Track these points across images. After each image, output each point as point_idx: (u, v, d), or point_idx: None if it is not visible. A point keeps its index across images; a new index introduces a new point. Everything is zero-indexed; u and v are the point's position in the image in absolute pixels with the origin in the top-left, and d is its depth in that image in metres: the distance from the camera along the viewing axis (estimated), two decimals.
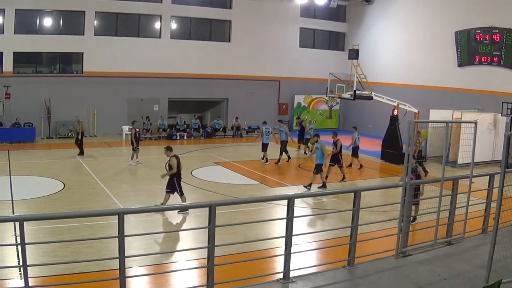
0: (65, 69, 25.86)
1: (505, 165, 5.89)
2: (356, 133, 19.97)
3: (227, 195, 14.69)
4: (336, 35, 32.80)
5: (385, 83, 27.37)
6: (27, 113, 23.75)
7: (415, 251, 7.35)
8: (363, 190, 7.03)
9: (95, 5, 25.17)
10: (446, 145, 7.89)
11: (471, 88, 23.64)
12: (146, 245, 9.70)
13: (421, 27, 26.69)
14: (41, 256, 8.96)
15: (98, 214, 10.13)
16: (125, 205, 13.38)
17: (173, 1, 27.16)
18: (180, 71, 27.25)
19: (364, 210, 7.46)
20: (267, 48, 29.63)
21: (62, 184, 15.22)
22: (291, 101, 31.10)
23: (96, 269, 8.41)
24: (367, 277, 6.52)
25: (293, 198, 6.23)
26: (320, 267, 7.44)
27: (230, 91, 29.14)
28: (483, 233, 8.45)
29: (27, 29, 24.23)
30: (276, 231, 10.07)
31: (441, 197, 7.45)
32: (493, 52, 22.88)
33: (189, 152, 22.57)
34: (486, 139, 19.90)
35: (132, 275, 7.98)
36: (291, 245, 6.20)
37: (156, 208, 11.45)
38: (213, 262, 5.67)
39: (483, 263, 6.34)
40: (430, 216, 7.49)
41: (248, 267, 7.93)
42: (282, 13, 30.04)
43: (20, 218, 4.94)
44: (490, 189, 8.39)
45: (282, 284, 6.15)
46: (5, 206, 12.64)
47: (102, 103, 25.42)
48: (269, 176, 17.77)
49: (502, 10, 22.31)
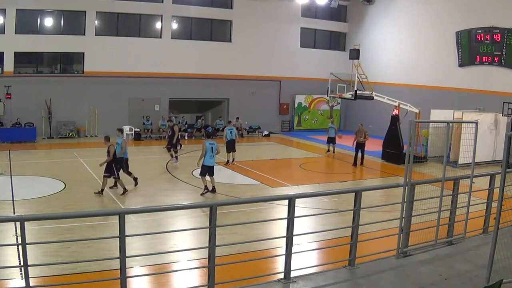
0: (66, 69, 25.88)
1: (506, 165, 5.89)
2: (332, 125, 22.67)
3: (228, 195, 14.69)
4: (337, 35, 32.81)
5: (386, 83, 27.36)
6: (28, 113, 23.77)
7: (416, 251, 7.34)
8: (364, 190, 7.03)
9: (96, 5, 25.19)
10: (447, 145, 7.89)
11: (472, 88, 23.63)
12: (147, 245, 9.69)
13: (422, 27, 26.68)
14: (42, 256, 8.96)
15: (99, 214, 10.18)
16: (126, 205, 13.39)
17: (174, 1, 27.17)
18: (181, 71, 27.27)
19: (365, 210, 7.45)
20: (268, 48, 29.64)
21: (63, 184, 15.22)
22: (292, 101, 31.10)
23: (97, 269, 8.41)
24: (368, 277, 6.52)
25: (294, 198, 6.23)
26: (321, 267, 7.44)
27: (231, 91, 29.15)
28: (484, 233, 8.44)
29: (28, 29, 24.26)
30: (277, 231, 10.07)
31: (442, 197, 7.45)
32: (494, 52, 22.86)
33: (190, 152, 22.57)
34: (487, 139, 19.89)
35: (133, 275, 7.98)
36: (292, 245, 6.20)
37: (157, 208, 11.44)
38: (214, 262, 5.67)
39: (484, 263, 6.34)
40: (431, 216, 7.49)
41: (249, 267, 7.93)
42: (283, 13, 30.05)
43: (21, 218, 4.94)
44: (491, 189, 8.39)
45: (283, 284, 6.15)
46: (6, 206, 12.65)
47: (103, 103, 25.43)
48: (270, 176, 17.76)
49: (503, 10, 22.29)
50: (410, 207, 7.11)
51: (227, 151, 19.48)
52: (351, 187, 15.83)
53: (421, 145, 21.43)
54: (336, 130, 22.89)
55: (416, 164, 7.90)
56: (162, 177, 16.91)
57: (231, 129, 19.91)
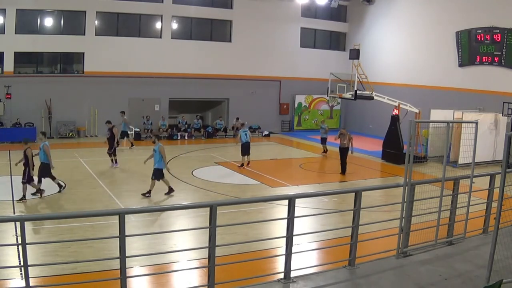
0: (66, 69, 25.88)
1: (506, 165, 5.89)
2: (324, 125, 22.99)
3: (228, 195, 14.70)
4: (337, 35, 32.80)
5: (386, 83, 27.36)
6: (28, 113, 23.77)
7: (416, 251, 7.34)
8: (364, 190, 7.03)
9: (96, 5, 25.19)
10: (447, 145, 7.89)
11: (472, 88, 23.62)
12: (147, 245, 9.69)
13: (422, 27, 26.68)
14: (42, 256, 8.96)
15: (99, 214, 10.16)
16: (126, 205, 13.38)
17: (174, 1, 27.16)
18: (181, 71, 27.26)
19: (365, 210, 7.46)
20: (268, 48, 29.63)
21: (63, 184, 15.21)
22: (292, 101, 31.10)
23: (97, 269, 8.41)
24: (368, 277, 6.52)
25: (294, 198, 6.23)
26: (321, 267, 7.44)
27: (231, 91, 29.14)
28: (484, 233, 8.45)
29: (28, 29, 24.25)
30: (277, 231, 10.07)
31: (442, 197, 7.45)
32: (494, 52, 22.86)
33: (190, 152, 22.59)
34: (487, 139, 19.88)
35: (133, 275, 7.99)
36: (292, 245, 6.20)
37: (157, 208, 11.45)
38: (214, 262, 5.67)
39: (484, 263, 6.34)
40: (431, 216, 7.49)
41: (249, 267, 7.93)
42: (283, 13, 30.04)
43: (21, 218, 4.96)
44: (491, 189, 8.39)
45: (283, 284, 6.15)
46: (6, 206, 12.65)
47: (103, 103, 25.42)
48: (270, 176, 17.76)
49: (503, 10, 22.29)
50: (410, 207, 7.11)
51: (242, 154, 19.00)
52: (351, 187, 15.82)
53: (421, 145, 21.43)
54: (327, 130, 22.74)
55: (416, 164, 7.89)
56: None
57: (245, 131, 19.34)
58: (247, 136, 19.15)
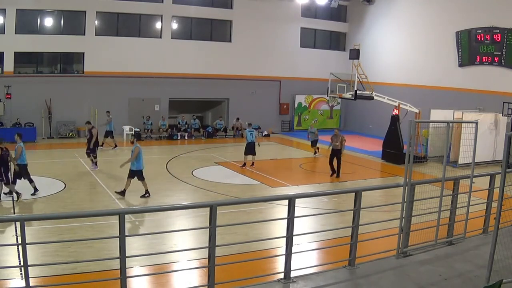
0: (66, 69, 25.88)
1: (506, 165, 5.88)
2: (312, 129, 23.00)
3: (228, 195, 14.70)
4: (337, 35, 32.80)
5: (386, 83, 27.36)
6: (28, 113, 23.76)
7: (416, 251, 7.34)
8: (364, 190, 7.02)
9: (96, 5, 25.19)
10: (447, 145, 7.89)
11: (472, 88, 23.62)
12: (147, 245, 9.70)
13: (422, 27, 26.68)
14: (42, 256, 8.96)
15: (99, 214, 10.15)
16: (126, 205, 13.38)
17: (174, 1, 27.16)
18: (181, 71, 27.26)
19: (365, 210, 7.46)
20: (268, 48, 29.63)
21: (63, 184, 15.23)
22: (292, 101, 31.09)
23: (97, 269, 8.41)
24: (368, 277, 6.52)
25: (294, 198, 6.23)
26: (321, 267, 7.44)
27: (231, 91, 29.14)
28: (484, 233, 8.44)
29: (28, 29, 24.25)
30: (277, 231, 10.07)
31: (442, 197, 7.45)
32: (494, 52, 22.86)
33: (190, 152, 22.59)
34: (487, 139, 19.88)
35: (133, 275, 7.98)
36: (292, 245, 6.20)
37: (157, 208, 11.44)
38: (214, 262, 5.67)
39: (484, 263, 6.34)
40: (431, 216, 7.49)
41: (249, 267, 7.93)
42: (283, 13, 30.04)
43: (21, 218, 4.95)
44: (491, 189, 8.39)
45: (283, 284, 6.15)
46: (6, 206, 12.65)
47: (103, 103, 25.38)
48: (270, 176, 17.76)
49: (503, 10, 22.29)
50: (410, 207, 7.11)
51: (245, 153, 18.97)
52: (351, 187, 15.81)
53: (421, 145, 21.43)
54: (316, 133, 22.44)
55: (416, 164, 7.88)
56: (162, 177, 16.90)
57: (251, 131, 19.33)
58: (253, 135, 19.23)
